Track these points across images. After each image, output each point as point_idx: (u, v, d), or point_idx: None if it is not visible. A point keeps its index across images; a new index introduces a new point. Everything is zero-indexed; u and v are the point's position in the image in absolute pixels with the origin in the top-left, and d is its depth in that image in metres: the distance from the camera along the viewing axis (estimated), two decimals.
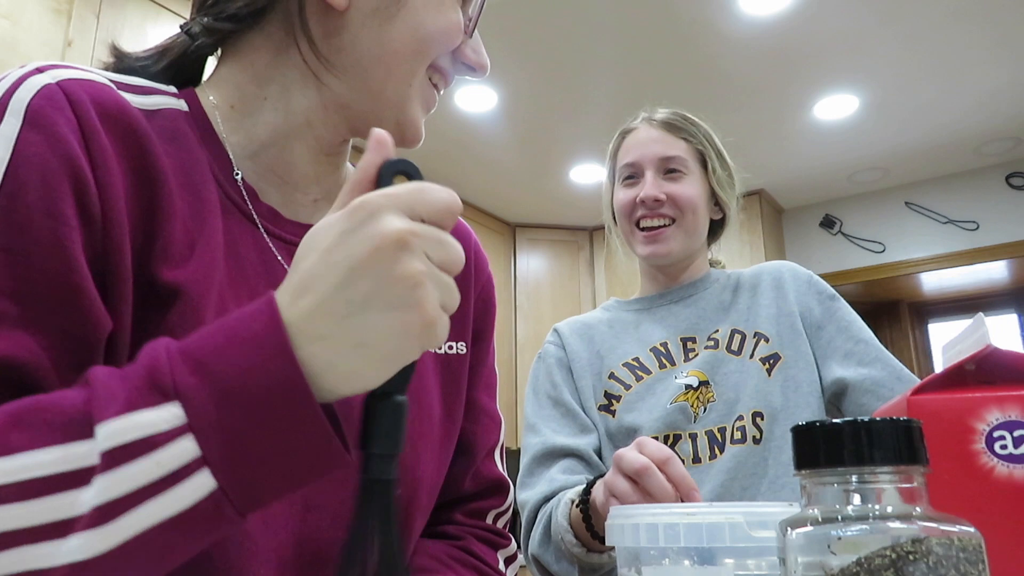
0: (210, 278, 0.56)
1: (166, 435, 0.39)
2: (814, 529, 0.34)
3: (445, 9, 0.62)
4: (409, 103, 0.64)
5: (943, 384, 0.47)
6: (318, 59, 0.61)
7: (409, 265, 0.41)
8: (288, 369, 0.40)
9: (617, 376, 1.21)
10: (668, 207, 1.21)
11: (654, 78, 3.06)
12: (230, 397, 0.40)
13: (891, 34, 2.80)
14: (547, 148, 3.64)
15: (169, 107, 0.60)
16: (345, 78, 0.62)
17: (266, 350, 0.40)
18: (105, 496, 0.39)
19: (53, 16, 2.01)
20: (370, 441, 0.43)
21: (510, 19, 2.69)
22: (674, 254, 1.23)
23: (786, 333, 1.17)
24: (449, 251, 0.43)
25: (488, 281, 0.81)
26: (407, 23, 0.61)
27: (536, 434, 1.19)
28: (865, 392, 1.10)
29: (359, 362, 0.41)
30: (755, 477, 1.08)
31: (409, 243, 0.41)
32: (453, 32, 0.63)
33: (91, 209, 0.50)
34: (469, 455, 0.76)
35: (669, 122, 1.25)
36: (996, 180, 3.81)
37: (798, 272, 1.25)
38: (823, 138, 3.53)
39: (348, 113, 0.64)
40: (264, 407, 0.40)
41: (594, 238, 4.43)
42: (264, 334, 0.41)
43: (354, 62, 0.61)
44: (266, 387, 0.40)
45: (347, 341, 0.41)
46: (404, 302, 0.41)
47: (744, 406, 1.11)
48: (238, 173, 0.62)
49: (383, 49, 0.61)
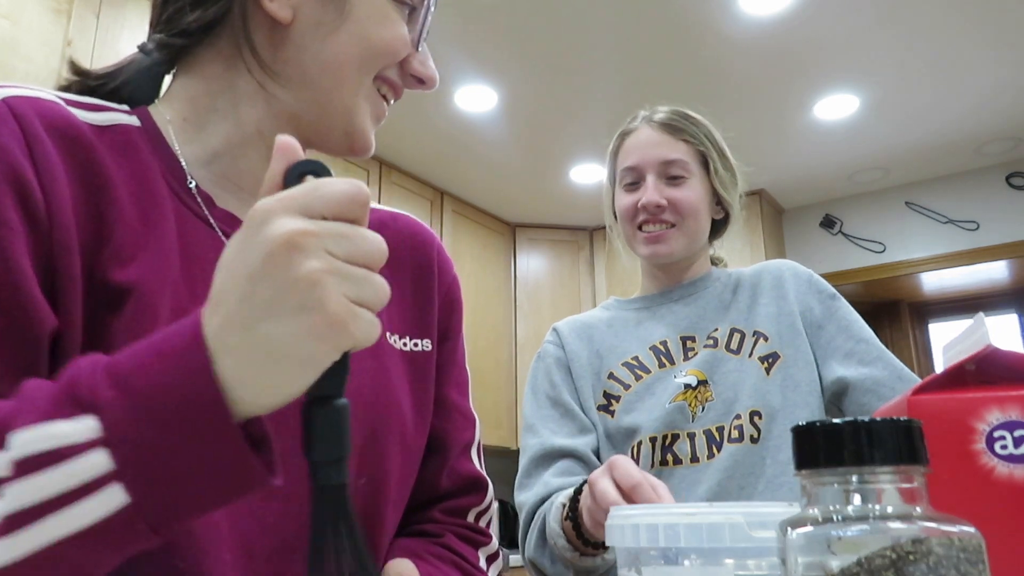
0: (162, 277, 0.57)
1: (79, 447, 0.39)
2: (814, 529, 0.34)
3: (390, 22, 0.64)
4: (356, 113, 0.66)
5: (943, 384, 0.47)
6: (264, 71, 0.63)
7: (303, 265, 0.39)
8: (204, 384, 0.39)
9: (616, 376, 1.21)
10: (669, 213, 1.20)
11: (654, 78, 3.06)
12: (147, 412, 0.39)
13: (891, 34, 2.80)
14: (547, 148, 3.64)
15: (121, 123, 0.62)
16: (292, 89, 0.64)
17: (184, 365, 0.40)
18: (13, 505, 0.39)
19: (53, 16, 2.01)
20: (312, 449, 0.42)
21: (510, 19, 2.69)
22: (675, 254, 1.22)
23: (786, 332, 1.17)
24: (357, 243, 0.41)
25: (453, 282, 0.83)
26: (351, 35, 0.63)
27: (534, 435, 1.19)
28: (866, 391, 1.10)
29: (273, 372, 0.40)
30: (752, 476, 1.08)
31: (300, 243, 0.39)
32: (398, 45, 0.65)
33: (36, 213, 0.52)
34: (443, 452, 0.76)
35: (669, 123, 1.24)
36: (996, 180, 3.81)
37: (799, 271, 1.25)
38: (823, 138, 3.53)
39: (298, 123, 0.66)
40: (180, 423, 0.39)
41: (594, 238, 4.43)
42: (184, 349, 0.40)
43: (301, 73, 0.64)
44: (183, 403, 0.39)
45: (256, 351, 0.40)
46: (303, 304, 0.39)
47: (742, 405, 1.11)
48: (191, 181, 0.63)
49: (328, 61, 0.63)
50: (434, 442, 0.76)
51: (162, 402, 0.40)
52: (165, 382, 0.40)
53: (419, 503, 0.76)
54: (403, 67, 0.67)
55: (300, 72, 0.64)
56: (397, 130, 3.35)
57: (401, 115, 3.22)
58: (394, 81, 0.68)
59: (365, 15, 0.63)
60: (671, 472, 1.12)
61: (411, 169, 3.73)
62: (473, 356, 3.92)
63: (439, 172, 3.79)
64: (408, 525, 0.75)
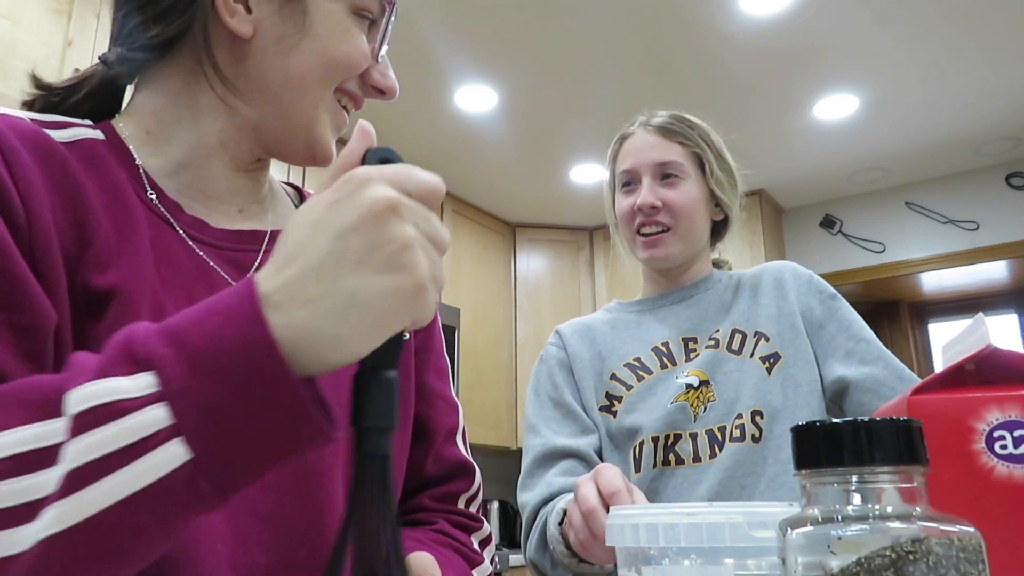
0: (141, 281, 0.58)
1: (137, 400, 0.39)
2: (814, 529, 0.34)
3: (350, 36, 0.65)
4: (317, 125, 0.67)
5: (943, 384, 0.47)
6: (225, 86, 0.65)
7: (401, 228, 0.41)
8: (261, 335, 0.39)
9: (618, 376, 1.21)
10: (664, 214, 1.21)
11: (654, 78, 3.06)
12: (203, 365, 0.39)
13: (891, 34, 2.80)
14: (547, 148, 3.64)
15: (86, 137, 0.64)
16: (254, 103, 0.66)
17: (239, 318, 0.40)
18: (72, 464, 0.38)
19: (53, 16, 2.01)
20: (363, 416, 0.42)
21: (510, 19, 2.69)
22: (672, 258, 1.23)
23: (786, 332, 1.17)
24: (436, 227, 0.43)
25: None
26: (312, 50, 0.64)
27: (537, 435, 1.20)
28: (866, 391, 1.10)
29: (347, 326, 0.40)
30: (754, 476, 1.08)
31: (399, 209, 0.41)
32: (358, 58, 0.66)
33: (15, 219, 0.53)
34: (427, 438, 0.77)
35: (665, 127, 1.25)
36: (996, 180, 3.81)
37: (799, 272, 1.25)
38: (823, 138, 3.53)
39: (259, 135, 0.67)
40: (237, 374, 0.39)
41: (594, 238, 4.43)
42: (238, 305, 0.40)
43: (262, 88, 0.65)
44: (238, 354, 0.39)
45: (337, 302, 0.40)
46: (397, 263, 0.40)
47: (744, 405, 1.12)
48: (151, 193, 0.64)
49: (290, 75, 0.64)
50: (418, 428, 0.77)
51: (218, 354, 0.39)
52: (219, 334, 0.39)
53: (408, 490, 0.77)
54: (363, 78, 0.69)
55: (261, 86, 0.65)
56: (397, 130, 3.35)
57: (401, 115, 3.22)
58: (354, 93, 0.69)
59: (325, 30, 0.65)
60: (673, 472, 1.12)
61: None
62: (473, 356, 3.92)
63: (439, 172, 3.67)
64: (400, 514, 0.76)
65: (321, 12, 0.65)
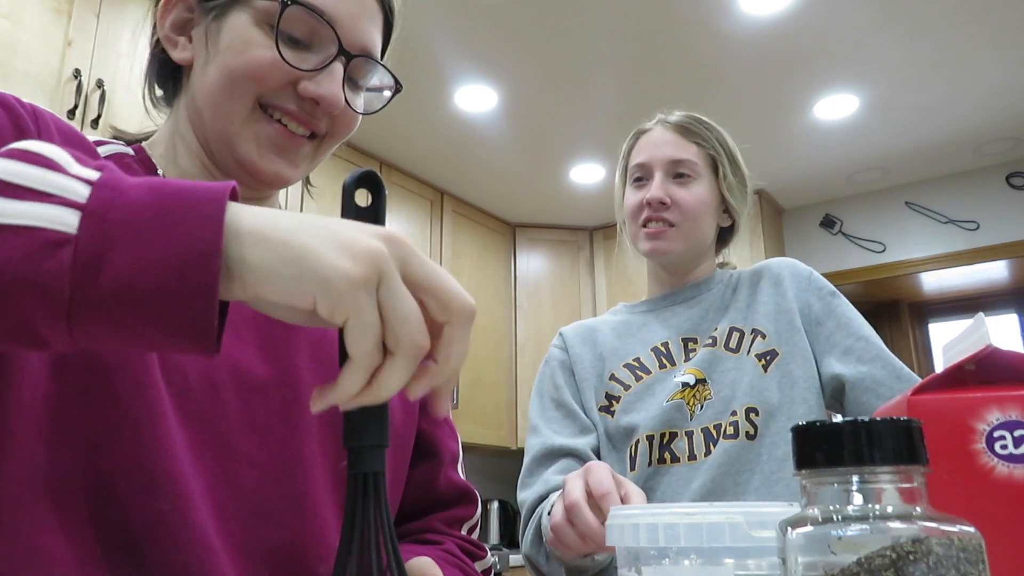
0: None
1: (71, 174, 0.40)
2: (814, 529, 0.34)
3: (251, 47, 0.66)
4: (239, 141, 0.68)
5: (943, 384, 0.47)
6: (186, 111, 0.71)
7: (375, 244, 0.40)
8: (216, 212, 0.39)
9: (617, 377, 1.22)
10: (671, 212, 1.21)
11: (654, 78, 3.06)
12: (149, 193, 0.39)
13: (891, 34, 2.80)
14: (547, 148, 3.64)
15: (119, 152, 0.69)
16: (196, 125, 0.70)
17: (208, 197, 0.40)
18: None
19: (53, 16, 2.01)
20: (351, 436, 0.43)
21: (510, 19, 2.69)
22: (674, 253, 1.23)
23: (784, 330, 1.17)
24: (404, 302, 0.40)
25: None
26: (217, 66, 0.67)
27: (537, 435, 1.21)
28: (865, 391, 1.10)
29: (283, 270, 0.39)
30: (747, 472, 1.08)
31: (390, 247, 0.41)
32: (259, 69, 0.66)
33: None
34: (436, 457, 0.79)
35: (683, 125, 1.25)
36: (996, 180, 3.81)
37: (798, 269, 1.25)
38: (823, 138, 3.53)
39: (210, 157, 0.71)
40: (172, 217, 0.38)
41: (594, 238, 4.43)
42: (216, 188, 0.40)
43: (195, 110, 0.70)
44: (181, 219, 0.38)
45: (277, 242, 0.39)
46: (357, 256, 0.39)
47: (739, 402, 1.12)
48: None
49: (206, 93, 0.68)
50: (426, 446, 0.78)
51: (161, 195, 0.39)
52: (182, 186, 0.40)
53: (418, 509, 0.78)
54: (296, 89, 0.68)
55: (194, 108, 0.70)
56: (397, 130, 3.35)
57: (401, 115, 3.22)
58: (284, 106, 0.68)
59: (227, 44, 0.66)
60: (668, 470, 1.12)
61: (411, 169, 3.73)
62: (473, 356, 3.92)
63: (439, 172, 3.79)
64: (413, 533, 0.77)
65: (225, 28, 0.67)
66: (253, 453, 0.61)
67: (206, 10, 0.68)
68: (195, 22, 0.70)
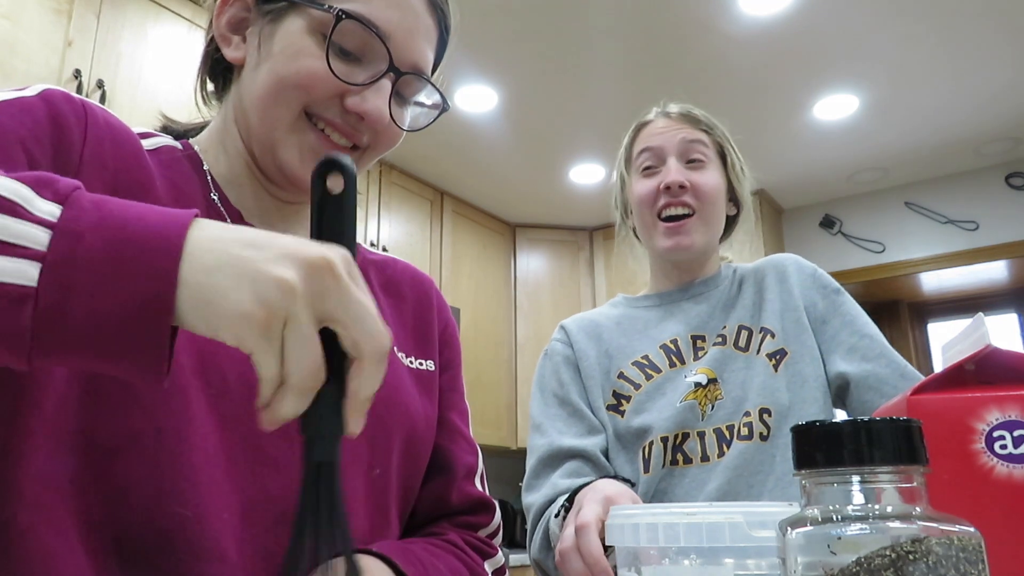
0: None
1: (33, 215, 0.40)
2: (814, 529, 0.34)
3: (301, 56, 0.66)
4: (281, 147, 0.68)
5: (943, 384, 0.48)
6: (235, 110, 0.72)
7: (287, 279, 0.40)
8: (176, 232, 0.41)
9: (626, 375, 1.19)
10: (690, 196, 1.17)
11: (654, 78, 3.06)
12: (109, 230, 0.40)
13: (891, 34, 2.80)
14: (547, 148, 3.64)
15: (166, 145, 0.70)
16: (241, 125, 0.71)
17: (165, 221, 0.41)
18: None
19: (53, 16, 2.01)
20: (307, 425, 0.43)
21: (510, 19, 2.69)
22: (696, 247, 1.19)
23: (791, 328, 1.16)
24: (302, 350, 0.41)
25: (449, 322, 0.88)
26: (267, 71, 0.67)
27: (542, 435, 1.17)
28: (868, 389, 1.09)
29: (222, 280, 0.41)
30: (762, 474, 1.07)
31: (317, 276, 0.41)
32: (308, 79, 0.66)
33: (67, 169, 0.57)
34: (450, 471, 0.79)
35: (687, 113, 1.23)
36: (996, 180, 3.81)
37: (803, 265, 1.23)
38: (823, 138, 3.53)
39: (252, 157, 0.71)
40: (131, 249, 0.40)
41: (594, 238, 4.43)
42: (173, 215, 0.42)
43: (242, 110, 0.70)
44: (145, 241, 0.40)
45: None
46: (294, 264, 0.41)
47: (752, 403, 1.10)
48: (214, 194, 0.70)
49: (254, 96, 0.68)
50: (441, 460, 0.78)
51: (125, 227, 0.41)
52: (142, 215, 0.41)
53: (431, 518, 0.77)
54: (342, 102, 0.68)
55: (242, 109, 0.70)
56: None
57: None
58: (330, 118, 0.68)
59: (279, 50, 0.67)
60: (682, 472, 1.10)
61: (411, 169, 3.73)
62: (473, 356, 3.92)
63: (439, 172, 3.79)
64: (420, 532, 0.77)
65: (280, 32, 0.67)
66: (282, 457, 0.61)
67: (263, 12, 0.68)
68: (251, 22, 0.70)
